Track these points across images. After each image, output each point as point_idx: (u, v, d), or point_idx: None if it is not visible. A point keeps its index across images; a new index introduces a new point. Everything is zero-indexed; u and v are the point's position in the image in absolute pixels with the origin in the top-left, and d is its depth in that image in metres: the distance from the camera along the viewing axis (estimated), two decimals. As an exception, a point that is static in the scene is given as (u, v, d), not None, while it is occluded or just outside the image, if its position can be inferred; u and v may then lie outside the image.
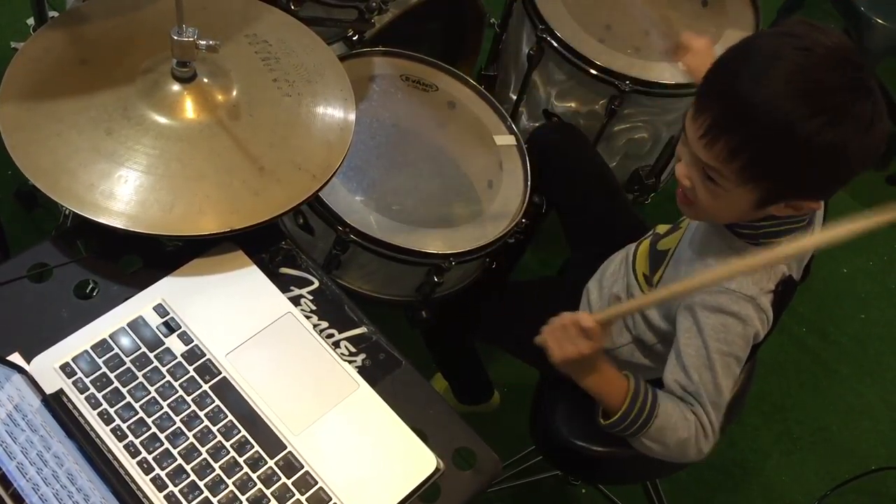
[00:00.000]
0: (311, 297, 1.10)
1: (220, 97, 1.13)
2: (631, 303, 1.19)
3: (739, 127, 0.97)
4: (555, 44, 1.70)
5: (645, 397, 1.09)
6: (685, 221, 1.24)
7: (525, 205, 1.52)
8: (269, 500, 0.93)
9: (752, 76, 0.96)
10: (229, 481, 0.94)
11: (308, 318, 1.08)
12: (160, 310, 1.04)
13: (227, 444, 0.96)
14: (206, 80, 1.13)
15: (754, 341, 1.10)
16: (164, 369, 1.00)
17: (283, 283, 1.10)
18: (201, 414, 0.98)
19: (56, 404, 0.92)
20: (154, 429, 0.96)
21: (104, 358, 0.99)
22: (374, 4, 1.51)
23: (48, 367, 0.98)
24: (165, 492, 0.92)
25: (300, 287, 1.11)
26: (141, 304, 1.04)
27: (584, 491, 1.85)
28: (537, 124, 1.85)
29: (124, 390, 0.98)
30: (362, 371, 1.05)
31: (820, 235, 1.09)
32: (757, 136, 0.96)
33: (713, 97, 1.00)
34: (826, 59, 0.94)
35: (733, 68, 0.99)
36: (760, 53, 0.98)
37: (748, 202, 1.03)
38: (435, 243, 1.43)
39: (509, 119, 1.64)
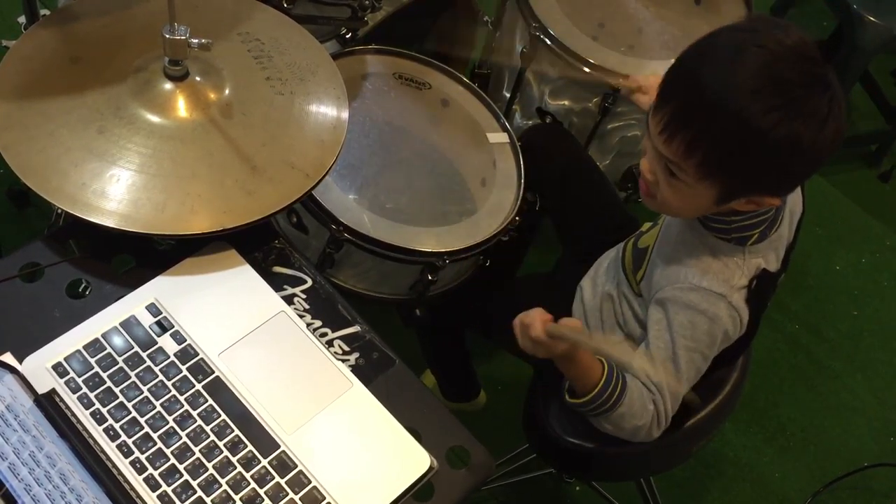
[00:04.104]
0: (304, 296, 1.10)
1: (212, 96, 1.13)
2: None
3: (696, 122, 0.98)
4: (548, 41, 1.70)
5: (615, 386, 1.11)
6: (662, 217, 1.24)
7: (518, 202, 1.52)
8: (263, 500, 0.93)
9: (710, 71, 0.97)
10: (222, 481, 0.94)
11: (301, 316, 1.08)
12: (153, 309, 1.04)
13: (221, 444, 0.96)
14: (198, 78, 1.13)
15: (724, 340, 1.11)
16: (156, 369, 1.00)
17: (276, 282, 1.10)
18: (194, 413, 0.97)
19: (48, 404, 0.92)
20: (147, 428, 0.95)
21: (96, 357, 0.99)
22: (367, 2, 1.51)
23: (40, 366, 0.97)
24: (158, 492, 0.92)
25: (293, 286, 1.11)
26: (133, 304, 1.04)
27: (577, 488, 1.85)
28: (531, 122, 1.85)
29: (117, 390, 0.97)
30: (356, 370, 1.05)
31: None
32: (713, 132, 0.97)
33: (673, 92, 1.01)
34: (784, 55, 0.95)
35: (693, 63, 1.00)
36: (719, 49, 0.99)
37: (708, 198, 1.04)
38: (428, 241, 1.43)
39: (503, 117, 1.63)
